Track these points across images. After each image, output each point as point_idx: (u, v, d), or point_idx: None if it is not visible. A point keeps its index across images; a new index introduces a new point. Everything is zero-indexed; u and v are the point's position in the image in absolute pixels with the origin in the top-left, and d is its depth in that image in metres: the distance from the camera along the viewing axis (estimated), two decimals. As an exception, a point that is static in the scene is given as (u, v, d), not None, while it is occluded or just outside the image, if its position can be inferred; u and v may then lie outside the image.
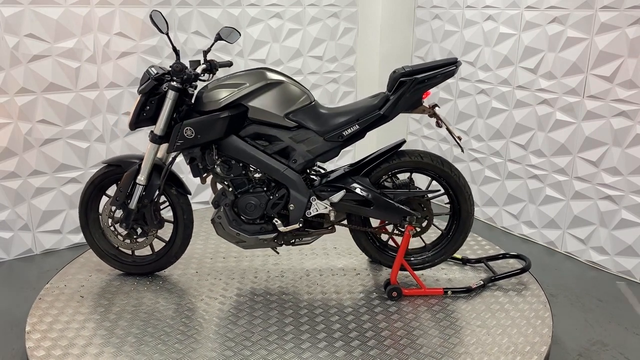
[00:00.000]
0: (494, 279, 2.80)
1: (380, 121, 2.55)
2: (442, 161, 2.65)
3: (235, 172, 2.63)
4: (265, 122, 2.56)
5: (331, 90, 4.51)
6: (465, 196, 2.69)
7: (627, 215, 3.22)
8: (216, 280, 2.85)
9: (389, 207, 2.61)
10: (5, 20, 3.16)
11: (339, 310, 2.56)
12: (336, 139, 2.56)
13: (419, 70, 2.47)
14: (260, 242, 2.66)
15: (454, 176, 2.66)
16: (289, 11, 4.15)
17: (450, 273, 2.92)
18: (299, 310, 2.55)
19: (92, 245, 2.88)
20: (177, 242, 2.82)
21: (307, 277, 2.87)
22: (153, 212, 2.73)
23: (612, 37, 3.15)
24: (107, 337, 2.34)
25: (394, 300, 2.64)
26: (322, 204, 2.60)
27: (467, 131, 4.18)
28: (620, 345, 2.65)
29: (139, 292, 2.72)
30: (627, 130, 3.16)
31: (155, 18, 2.51)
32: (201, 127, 2.52)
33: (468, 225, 2.75)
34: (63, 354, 2.22)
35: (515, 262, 3.03)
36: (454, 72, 2.52)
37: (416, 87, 2.47)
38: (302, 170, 2.61)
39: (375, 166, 2.64)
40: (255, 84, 2.53)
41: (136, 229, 2.77)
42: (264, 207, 2.62)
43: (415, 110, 2.59)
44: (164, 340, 2.32)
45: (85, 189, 2.82)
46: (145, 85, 2.56)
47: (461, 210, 2.72)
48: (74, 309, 2.56)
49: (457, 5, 4.10)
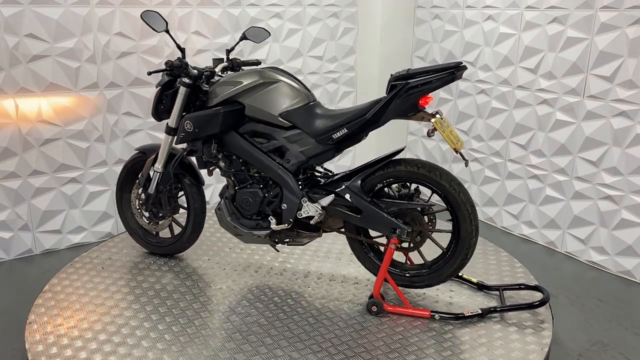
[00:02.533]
0: (497, 310, 2.51)
1: (368, 126, 2.40)
2: (441, 173, 2.40)
3: (236, 167, 2.72)
4: (261, 120, 2.60)
5: (331, 90, 4.51)
6: (464, 214, 2.40)
7: (627, 215, 3.22)
8: (220, 269, 2.91)
9: (377, 217, 2.46)
10: (5, 20, 3.16)
11: (316, 316, 2.50)
12: (326, 141, 2.48)
13: (414, 74, 2.28)
14: (255, 237, 2.72)
15: (452, 191, 2.39)
16: (289, 11, 4.15)
17: (457, 296, 2.67)
18: (278, 313, 2.53)
19: (124, 224, 3.15)
20: (188, 229, 2.97)
21: (304, 279, 2.87)
22: (167, 198, 2.92)
23: (612, 37, 3.15)
24: (106, 337, 2.34)
25: (373, 314, 2.50)
26: (313, 206, 2.54)
27: (467, 131, 4.18)
28: (620, 345, 2.65)
29: (139, 292, 2.72)
30: (627, 130, 3.16)
31: (147, 18, 2.60)
32: (198, 122, 2.62)
33: (469, 247, 2.45)
34: (63, 354, 2.22)
35: (533, 294, 2.70)
36: (454, 77, 2.28)
37: (409, 92, 2.28)
38: (296, 170, 2.58)
39: (371, 173, 2.50)
40: (249, 82, 2.58)
41: (155, 212, 2.99)
42: (259, 204, 2.67)
43: (413, 117, 2.38)
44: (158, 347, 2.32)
45: (120, 172, 3.11)
46: (160, 80, 2.78)
47: (460, 230, 2.44)
48: (73, 309, 2.56)
49: (457, 5, 4.10)
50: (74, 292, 2.72)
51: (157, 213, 2.99)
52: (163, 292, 2.72)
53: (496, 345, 2.30)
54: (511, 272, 2.95)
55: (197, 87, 2.70)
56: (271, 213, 2.66)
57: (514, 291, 2.71)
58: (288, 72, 2.68)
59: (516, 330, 2.40)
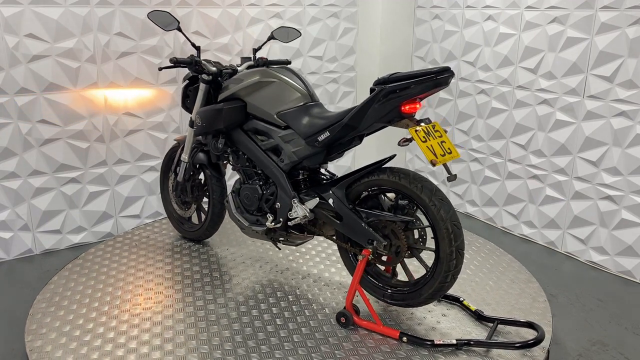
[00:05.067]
0: (471, 343, 2.24)
1: (348, 130, 2.28)
2: (423, 186, 2.20)
3: (242, 163, 2.80)
4: (260, 118, 2.65)
5: (331, 90, 4.51)
6: (443, 233, 2.17)
7: (627, 215, 3.22)
8: (228, 260, 2.99)
9: (355, 225, 2.34)
10: (5, 20, 3.16)
11: (293, 318, 2.49)
12: (313, 143, 2.41)
13: (396, 79, 2.11)
14: (254, 232, 2.76)
15: (432, 206, 2.18)
16: (289, 11, 4.15)
17: (446, 321, 2.46)
18: (262, 313, 2.54)
19: (165, 208, 3.42)
20: (208, 218, 3.15)
21: (302, 280, 2.87)
22: (191, 187, 3.17)
23: (612, 37, 3.15)
24: (106, 337, 2.34)
25: (342, 326, 2.41)
26: (301, 208, 2.49)
27: (467, 131, 4.18)
28: (620, 345, 2.65)
29: (138, 292, 2.72)
30: (627, 130, 3.16)
31: (155, 18, 2.69)
32: (205, 117, 2.76)
33: (448, 270, 2.21)
34: (63, 354, 2.22)
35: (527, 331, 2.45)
36: (436, 83, 2.08)
37: (387, 97, 2.12)
38: (290, 170, 2.57)
39: (356, 180, 2.38)
40: (249, 81, 2.64)
41: (182, 198, 3.23)
42: (258, 200, 2.70)
43: (397, 124, 2.21)
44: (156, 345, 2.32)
45: (162, 160, 3.38)
46: (185, 75, 3.01)
47: (439, 249, 2.21)
48: (73, 309, 2.56)
49: (457, 5, 4.10)
50: (73, 292, 2.72)
51: (183, 200, 3.24)
52: (163, 292, 2.72)
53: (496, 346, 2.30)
54: (511, 272, 2.95)
55: (218, 84, 2.83)
56: (268, 210, 2.68)
57: (511, 327, 2.43)
58: (295, 71, 2.65)
59: (516, 330, 2.40)
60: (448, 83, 2.11)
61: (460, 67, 4.16)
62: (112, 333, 2.37)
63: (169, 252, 3.17)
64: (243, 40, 3.98)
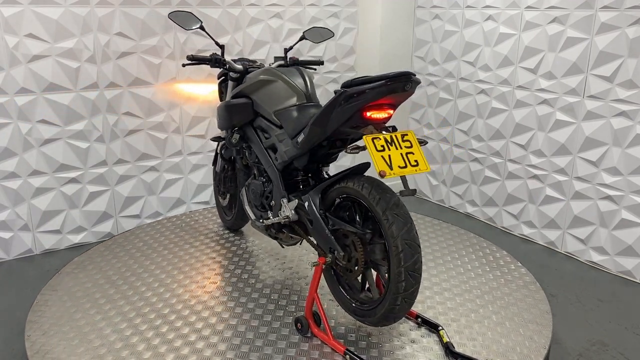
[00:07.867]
0: None
1: (315, 132, 2.19)
2: (380, 198, 2.01)
3: (252, 158, 2.83)
4: (263, 115, 2.69)
5: (331, 90, 4.51)
6: (392, 251, 1.97)
7: (627, 215, 3.22)
8: (239, 253, 3.00)
9: (320, 231, 2.23)
10: (5, 20, 3.16)
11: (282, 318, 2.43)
12: (295, 144, 2.36)
13: (356, 83, 1.99)
14: (258, 227, 2.80)
15: (384, 220, 1.99)
16: (289, 11, 4.15)
17: (410, 349, 2.24)
18: (255, 308, 2.53)
19: (215, 198, 3.56)
20: (236, 209, 3.29)
21: (301, 280, 2.87)
22: (223, 178, 3.34)
23: (612, 37, 3.15)
24: (105, 336, 2.34)
25: (299, 332, 2.32)
26: (287, 208, 2.44)
27: (467, 131, 4.18)
28: (620, 345, 2.65)
29: (137, 292, 2.72)
30: (627, 130, 3.16)
31: (177, 18, 2.79)
32: (221, 112, 2.85)
33: (397, 293, 1.99)
34: (62, 354, 2.22)
35: None
36: (392, 88, 1.91)
37: (348, 101, 1.99)
38: (286, 169, 2.55)
39: (330, 185, 2.26)
40: (252, 79, 2.69)
41: (218, 188, 3.43)
42: (260, 196, 2.74)
43: (363, 131, 2.08)
44: (154, 344, 2.32)
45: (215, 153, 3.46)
46: (219, 72, 3.16)
47: (390, 267, 2.00)
48: (73, 310, 2.56)
49: (457, 5, 4.10)
50: (73, 292, 2.72)
51: (220, 190, 3.42)
52: (161, 293, 2.72)
53: (496, 345, 2.30)
54: (511, 273, 2.95)
55: None
56: (268, 207, 2.70)
57: None
58: (302, 71, 2.62)
59: (516, 330, 2.40)
60: (406, 89, 1.92)
61: (460, 67, 4.16)
62: (112, 334, 2.37)
63: (169, 252, 3.17)
64: (243, 40, 3.98)
